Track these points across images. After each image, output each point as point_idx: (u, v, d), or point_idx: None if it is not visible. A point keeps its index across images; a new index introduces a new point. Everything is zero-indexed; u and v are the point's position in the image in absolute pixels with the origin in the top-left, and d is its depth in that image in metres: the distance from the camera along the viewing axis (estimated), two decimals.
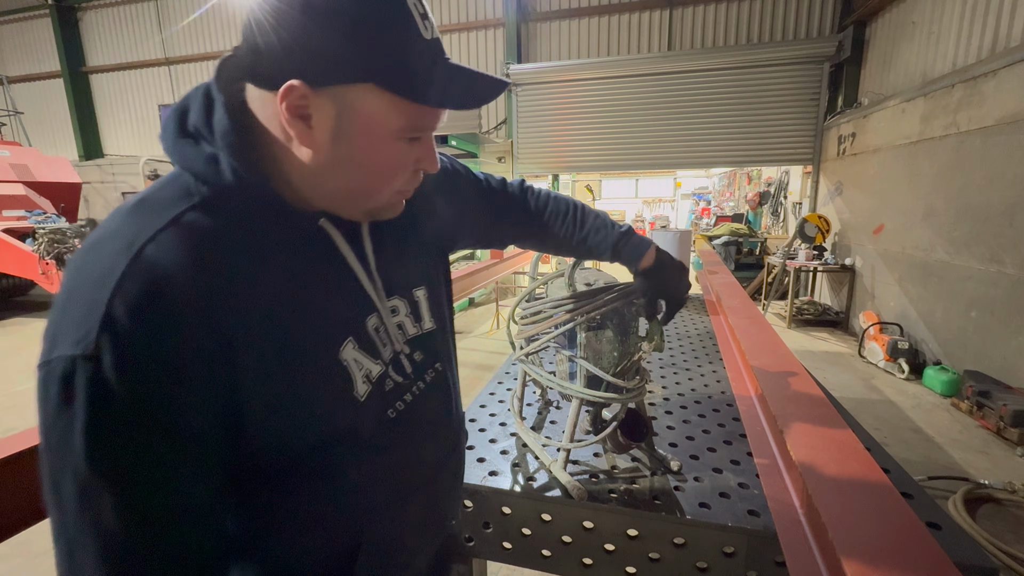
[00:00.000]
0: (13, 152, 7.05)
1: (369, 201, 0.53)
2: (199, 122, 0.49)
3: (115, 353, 0.39)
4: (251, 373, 0.46)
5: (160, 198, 0.47)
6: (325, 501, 0.54)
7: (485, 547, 0.90)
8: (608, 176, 16.75)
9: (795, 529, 0.71)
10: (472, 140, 6.91)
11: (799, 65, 6.27)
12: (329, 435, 0.53)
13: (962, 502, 2.26)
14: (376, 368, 0.57)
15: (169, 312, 0.41)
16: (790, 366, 1.15)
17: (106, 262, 0.42)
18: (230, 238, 0.47)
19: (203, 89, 0.50)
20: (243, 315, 0.45)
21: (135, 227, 0.44)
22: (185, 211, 0.45)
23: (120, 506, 0.40)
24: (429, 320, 0.67)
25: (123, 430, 0.40)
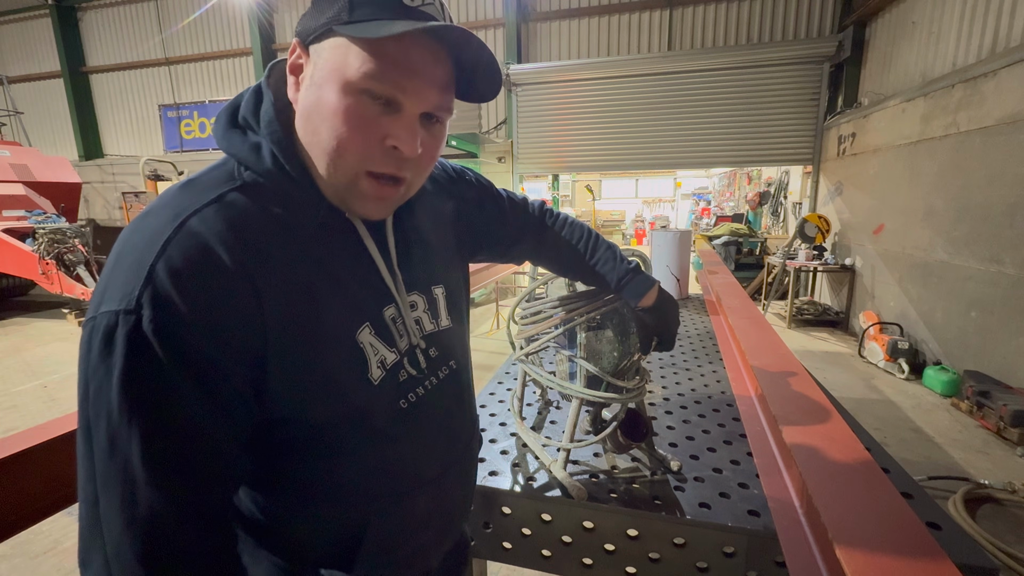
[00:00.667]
0: (13, 152, 7.05)
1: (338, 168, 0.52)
2: (248, 114, 0.55)
3: (154, 309, 0.42)
4: (277, 343, 0.49)
5: (207, 180, 0.52)
6: (334, 483, 0.57)
7: (485, 547, 0.90)
8: (608, 176, 16.76)
9: (795, 529, 0.71)
10: (472, 140, 6.91)
11: (799, 65, 6.27)
12: (342, 414, 0.55)
13: (962, 502, 2.26)
14: (391, 356, 0.59)
15: (207, 276, 0.45)
16: (790, 366, 1.15)
17: (154, 230, 0.46)
18: (265, 218, 0.51)
19: (254, 87, 0.57)
20: (272, 289, 0.49)
21: (183, 202, 0.48)
22: (228, 191, 0.50)
23: (147, 455, 0.43)
24: (446, 318, 0.69)
25: (155, 381, 0.43)
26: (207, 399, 0.45)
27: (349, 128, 0.50)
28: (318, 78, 0.50)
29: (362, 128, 0.50)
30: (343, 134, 0.50)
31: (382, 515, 0.60)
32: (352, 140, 0.50)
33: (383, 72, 0.49)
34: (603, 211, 14.87)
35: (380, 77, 0.49)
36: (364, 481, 0.59)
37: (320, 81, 0.50)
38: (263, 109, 0.54)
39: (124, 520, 0.42)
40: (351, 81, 0.49)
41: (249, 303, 0.47)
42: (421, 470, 0.64)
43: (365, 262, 0.59)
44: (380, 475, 0.60)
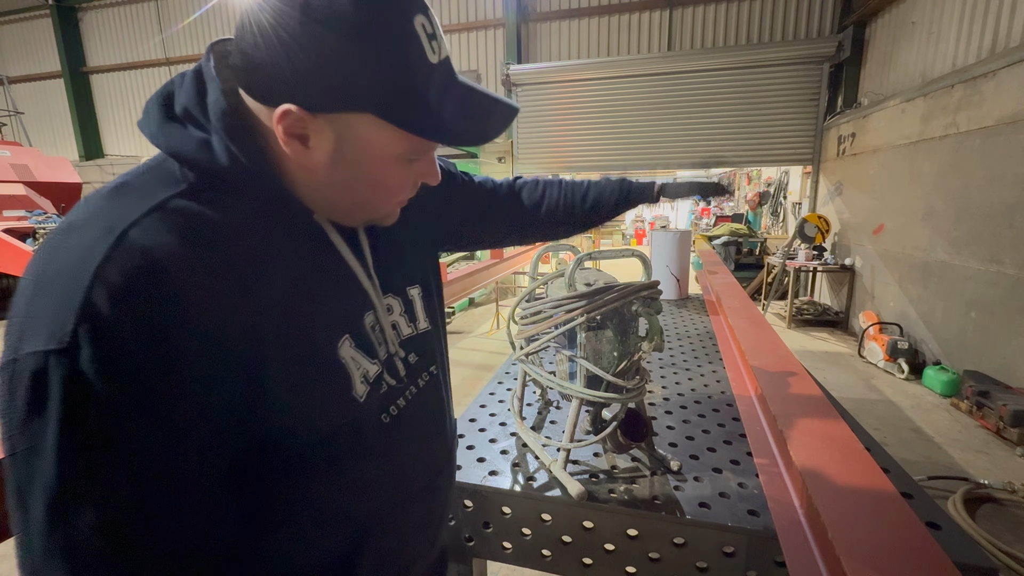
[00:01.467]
0: (13, 152, 7.05)
1: (369, 214, 0.54)
2: (191, 104, 0.46)
3: (96, 346, 0.35)
4: (250, 367, 0.43)
5: (141, 183, 0.44)
6: (325, 505, 0.53)
7: (485, 547, 0.90)
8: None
9: (795, 529, 0.71)
10: None
11: (799, 65, 6.26)
12: (329, 436, 0.51)
13: (962, 502, 2.26)
14: (373, 368, 0.55)
15: (158, 300, 0.38)
16: (790, 366, 1.15)
17: (83, 249, 0.38)
18: (221, 226, 0.44)
19: (193, 72, 0.47)
20: (238, 308, 0.42)
21: (115, 212, 0.40)
22: (171, 197, 0.42)
23: (105, 528, 0.36)
24: (424, 320, 0.66)
25: (108, 433, 0.35)
26: (176, 446, 0.38)
27: (394, 191, 0.52)
28: (349, 156, 0.46)
29: (404, 186, 0.53)
30: (387, 197, 0.52)
31: (376, 533, 0.57)
32: (396, 197, 0.53)
33: (426, 146, 0.50)
34: None
35: (422, 150, 0.50)
36: (357, 500, 0.55)
37: (354, 159, 0.46)
38: (212, 100, 0.45)
39: None
40: (396, 156, 0.48)
41: (210, 326, 0.40)
42: (411, 481, 0.62)
43: (339, 267, 0.53)
44: (373, 492, 0.56)
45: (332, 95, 0.43)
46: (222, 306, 0.41)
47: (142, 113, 0.47)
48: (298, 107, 0.42)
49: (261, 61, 0.42)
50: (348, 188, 0.49)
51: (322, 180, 0.48)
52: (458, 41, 7.77)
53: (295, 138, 0.44)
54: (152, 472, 0.37)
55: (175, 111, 0.46)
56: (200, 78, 0.47)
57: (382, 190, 0.51)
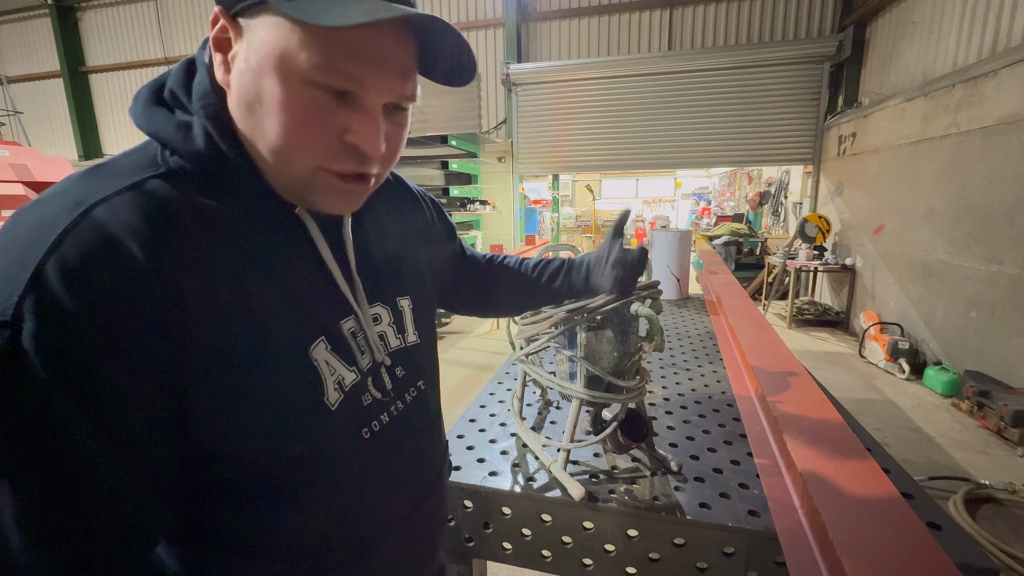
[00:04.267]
0: (13, 152, 7.04)
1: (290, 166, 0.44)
2: (177, 87, 0.46)
3: (39, 320, 0.33)
4: (206, 361, 0.40)
5: (121, 164, 0.43)
6: (282, 534, 0.48)
7: (485, 547, 0.90)
8: (608, 176, 16.76)
9: (795, 529, 0.71)
10: (472, 140, 6.90)
11: (799, 65, 6.26)
12: (294, 444, 0.46)
13: (962, 502, 2.26)
14: (350, 376, 0.51)
15: (112, 279, 0.36)
16: (790, 366, 1.15)
17: (44, 221, 0.36)
18: (195, 211, 0.42)
19: (186, 60, 0.48)
20: (200, 296, 0.40)
21: (87, 188, 0.39)
22: (148, 178, 0.41)
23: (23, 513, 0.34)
24: (413, 333, 0.62)
25: (38, 413, 0.33)
26: (110, 436, 0.36)
27: (300, 122, 0.42)
28: (255, 63, 0.41)
29: (315, 124, 0.42)
30: (293, 130, 0.42)
31: (342, 568, 0.52)
32: (305, 137, 0.43)
33: (337, 65, 0.41)
34: (603, 211, 14.86)
35: (334, 70, 0.41)
36: (320, 529, 0.50)
37: (258, 67, 0.41)
38: (196, 80, 0.45)
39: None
40: (298, 72, 0.40)
41: (167, 313, 0.38)
42: (389, 509, 0.56)
43: (316, 267, 0.50)
44: (340, 520, 0.51)
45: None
46: (179, 294, 0.39)
47: (134, 99, 0.47)
48: (220, 8, 0.42)
49: None
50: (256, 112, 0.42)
51: (236, 102, 0.43)
52: None
53: (218, 51, 0.43)
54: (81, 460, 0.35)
55: (163, 96, 0.46)
56: (191, 64, 0.47)
57: (288, 118, 0.42)
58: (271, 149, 0.44)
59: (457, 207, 6.68)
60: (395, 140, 0.49)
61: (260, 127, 0.43)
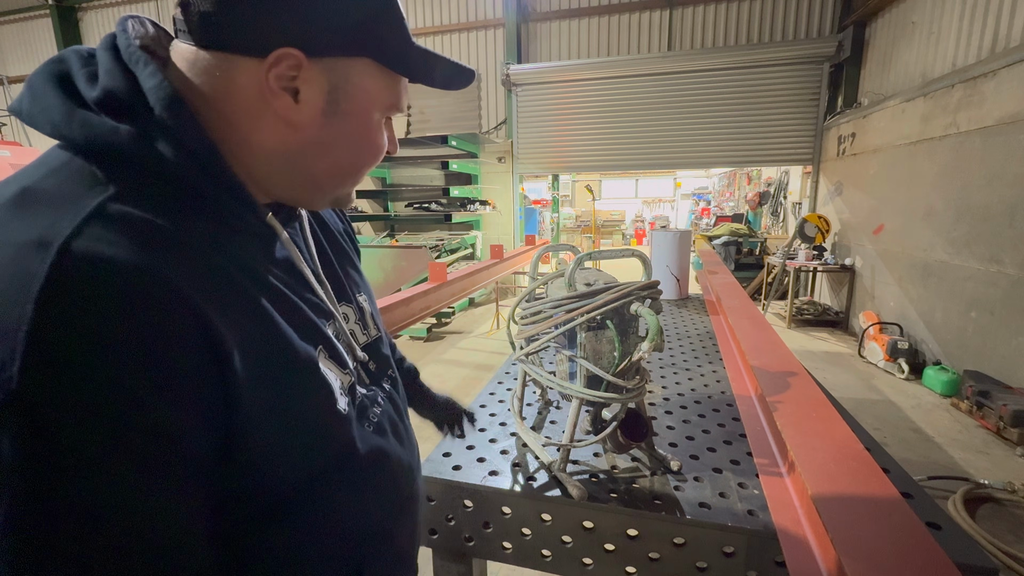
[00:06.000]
0: (13, 152, 7.05)
1: (350, 184, 0.50)
2: (119, 89, 0.38)
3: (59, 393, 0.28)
4: (242, 390, 0.38)
5: (53, 188, 0.35)
6: (323, 533, 0.48)
7: (485, 547, 0.90)
8: (608, 176, 16.76)
9: (795, 529, 0.71)
10: (472, 140, 6.91)
11: (799, 65, 6.26)
12: (323, 455, 0.47)
13: (962, 502, 2.26)
14: (346, 379, 0.52)
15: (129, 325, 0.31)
16: (790, 366, 1.15)
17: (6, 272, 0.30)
18: (176, 234, 0.37)
19: (105, 50, 0.40)
20: (216, 324, 0.37)
21: (35, 224, 0.32)
22: (104, 202, 0.34)
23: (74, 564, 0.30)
24: (374, 327, 0.64)
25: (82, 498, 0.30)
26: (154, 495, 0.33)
27: (378, 151, 0.49)
28: (344, 108, 0.43)
29: (382, 151, 0.49)
30: (367, 158, 0.48)
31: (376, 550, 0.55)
32: (374, 163, 0.49)
33: (399, 104, 0.48)
34: (603, 211, 14.87)
35: (401, 105, 0.48)
36: (355, 519, 0.52)
37: (349, 111, 0.44)
38: (152, 84, 0.38)
39: None
40: (384, 108, 0.47)
41: (200, 346, 0.35)
42: (399, 488, 0.59)
43: (295, 274, 0.49)
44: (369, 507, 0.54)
45: (335, 36, 0.40)
46: (200, 325, 0.35)
47: (27, 96, 0.38)
48: (298, 50, 0.39)
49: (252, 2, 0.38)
50: (332, 149, 0.45)
51: (307, 140, 0.43)
52: (458, 41, 7.77)
53: (285, 91, 0.40)
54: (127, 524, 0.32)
55: (85, 96, 0.38)
56: (119, 58, 0.40)
57: (370, 150, 0.47)
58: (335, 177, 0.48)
59: (457, 207, 6.68)
60: None
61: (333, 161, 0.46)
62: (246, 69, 0.40)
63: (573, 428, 0.89)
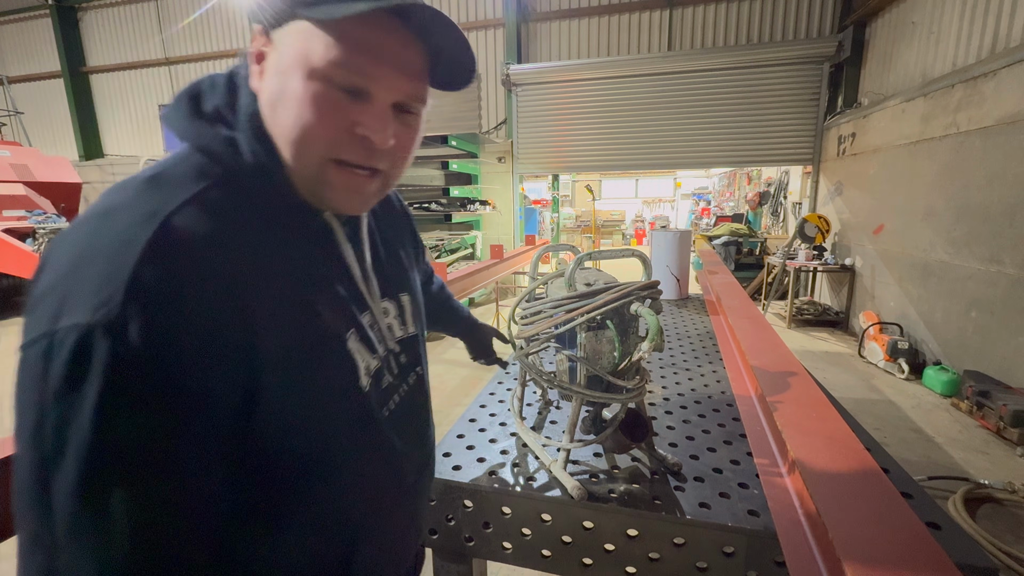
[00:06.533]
0: (13, 152, 7.05)
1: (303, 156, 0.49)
2: (223, 105, 0.50)
3: (145, 319, 0.37)
4: (270, 355, 0.45)
5: (175, 175, 0.46)
6: (327, 501, 0.53)
7: (485, 547, 0.90)
8: (608, 176, 16.76)
9: (795, 529, 0.71)
10: (472, 140, 6.91)
11: (799, 65, 6.26)
12: (338, 425, 0.53)
13: (962, 502, 2.26)
14: (374, 363, 0.58)
15: (200, 282, 0.41)
16: (790, 366, 1.15)
17: (125, 230, 0.40)
18: (248, 220, 0.47)
19: (225, 76, 0.53)
20: (264, 295, 0.45)
21: (155, 199, 0.43)
22: (206, 188, 0.45)
23: (133, 499, 0.37)
24: (412, 325, 0.70)
25: (145, 409, 0.37)
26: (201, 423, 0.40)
27: (314, 114, 0.47)
28: (282, 65, 0.47)
29: (328, 114, 0.47)
30: (308, 120, 0.47)
31: (370, 532, 0.58)
32: (317, 126, 0.47)
33: (348, 58, 0.46)
34: (603, 211, 14.87)
35: (345, 63, 0.46)
36: (354, 497, 0.56)
37: (284, 68, 0.47)
38: (243, 102, 0.50)
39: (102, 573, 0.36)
40: (316, 68, 0.46)
41: (243, 313, 0.43)
42: (402, 478, 0.64)
43: (340, 265, 0.57)
44: (368, 489, 0.58)
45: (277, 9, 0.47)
46: (250, 290, 0.44)
47: (170, 108, 0.51)
48: (260, 26, 0.49)
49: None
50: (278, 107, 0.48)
51: (264, 103, 0.49)
52: None
53: (257, 61, 0.49)
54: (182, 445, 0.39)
55: (203, 109, 0.50)
56: (232, 82, 0.52)
57: (304, 110, 0.46)
58: (287, 141, 0.49)
59: (457, 207, 6.68)
60: (404, 139, 0.53)
61: (281, 122, 0.48)
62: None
63: (573, 428, 0.89)
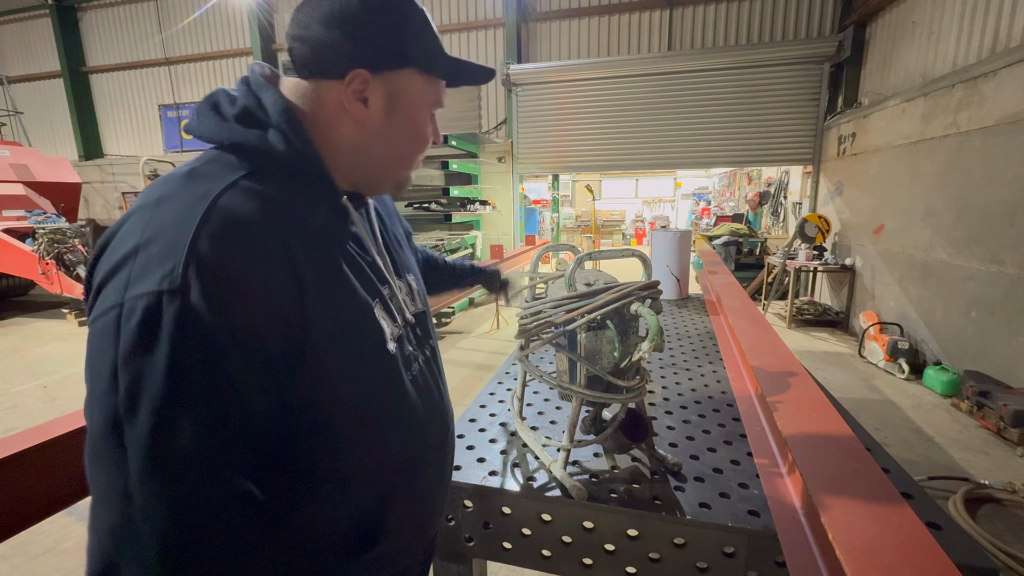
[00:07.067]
0: (13, 152, 7.05)
1: (407, 167, 0.65)
2: (251, 105, 0.56)
3: (203, 283, 0.42)
4: (315, 316, 0.51)
5: (209, 170, 0.52)
6: (360, 459, 0.59)
7: (485, 547, 0.90)
8: (608, 176, 16.75)
9: (795, 529, 0.71)
10: (472, 140, 6.90)
11: (799, 65, 6.26)
12: (372, 383, 0.59)
13: (962, 502, 2.26)
14: (396, 330, 0.64)
15: (251, 248, 0.47)
16: (790, 366, 1.15)
17: (180, 211, 0.46)
18: (280, 200, 0.53)
19: (242, 83, 0.59)
20: (309, 264, 0.52)
21: (200, 187, 0.49)
22: (240, 178, 0.51)
23: (203, 437, 0.42)
24: (421, 303, 0.76)
25: (209, 361, 0.43)
26: (256, 377, 0.46)
27: (426, 138, 0.65)
28: (399, 106, 0.60)
29: (429, 136, 0.65)
30: (422, 143, 0.65)
31: (401, 490, 0.63)
32: (426, 147, 0.66)
33: (442, 97, 0.65)
34: (603, 211, 14.87)
35: (441, 101, 0.65)
36: (386, 456, 0.61)
37: (402, 108, 0.60)
38: (270, 100, 0.56)
39: (173, 508, 0.41)
40: (428, 104, 0.63)
41: (292, 277, 0.50)
42: (429, 440, 0.69)
43: (361, 242, 0.64)
44: (398, 447, 0.63)
45: (389, 57, 0.58)
46: (290, 261, 0.50)
47: (196, 118, 0.57)
48: (366, 70, 0.56)
49: (331, 42, 0.55)
50: (394, 138, 0.61)
51: (374, 134, 0.60)
52: (458, 41, 7.77)
53: (359, 100, 0.58)
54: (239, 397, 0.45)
55: (228, 114, 0.56)
56: (250, 87, 0.58)
57: (419, 137, 0.64)
58: (398, 163, 0.64)
59: (457, 207, 6.68)
60: None
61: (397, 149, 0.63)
62: (331, 89, 0.58)
63: (573, 428, 0.89)
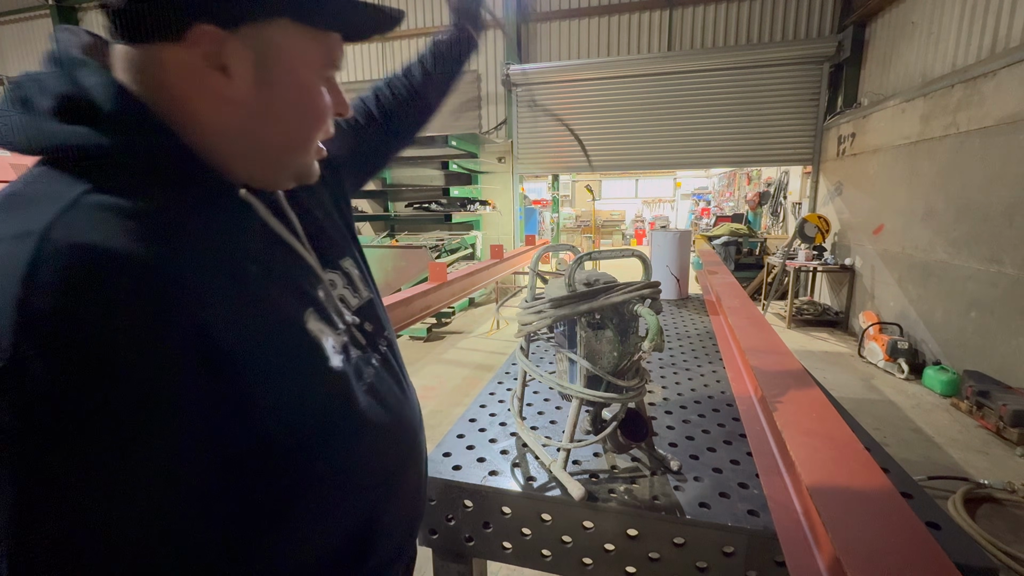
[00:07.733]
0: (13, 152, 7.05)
1: (303, 151, 0.49)
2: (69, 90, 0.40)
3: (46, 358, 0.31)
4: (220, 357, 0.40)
5: (33, 192, 0.37)
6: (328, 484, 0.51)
7: (485, 547, 0.90)
8: (608, 176, 16.76)
9: (795, 529, 0.71)
10: (472, 140, 6.90)
11: (799, 65, 6.27)
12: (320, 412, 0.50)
13: (962, 502, 2.26)
14: (339, 339, 0.54)
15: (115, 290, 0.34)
16: (790, 366, 1.15)
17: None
18: (150, 215, 0.38)
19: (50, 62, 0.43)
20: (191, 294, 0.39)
21: (18, 220, 0.34)
22: (79, 196, 0.36)
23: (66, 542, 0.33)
24: (364, 290, 0.65)
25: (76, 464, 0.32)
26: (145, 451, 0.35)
27: (321, 115, 0.48)
28: (273, 74, 0.43)
29: (327, 112, 0.49)
30: (315, 124, 0.48)
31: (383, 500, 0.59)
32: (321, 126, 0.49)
33: (337, 56, 0.47)
34: (603, 211, 14.87)
35: (336, 62, 0.47)
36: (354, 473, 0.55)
37: (278, 76, 0.44)
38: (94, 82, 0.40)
39: None
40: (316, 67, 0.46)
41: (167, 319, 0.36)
42: (400, 446, 0.62)
43: (278, 244, 0.51)
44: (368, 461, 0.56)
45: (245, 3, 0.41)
46: (171, 296, 0.37)
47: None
48: (213, 25, 0.39)
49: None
50: (277, 118, 0.45)
51: (249, 113, 0.44)
52: None
53: (215, 69, 0.41)
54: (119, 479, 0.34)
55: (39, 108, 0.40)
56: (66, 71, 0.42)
57: (311, 115, 0.47)
58: (290, 147, 0.47)
59: (457, 207, 6.68)
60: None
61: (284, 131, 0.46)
62: (172, 55, 0.40)
63: (573, 428, 0.89)
